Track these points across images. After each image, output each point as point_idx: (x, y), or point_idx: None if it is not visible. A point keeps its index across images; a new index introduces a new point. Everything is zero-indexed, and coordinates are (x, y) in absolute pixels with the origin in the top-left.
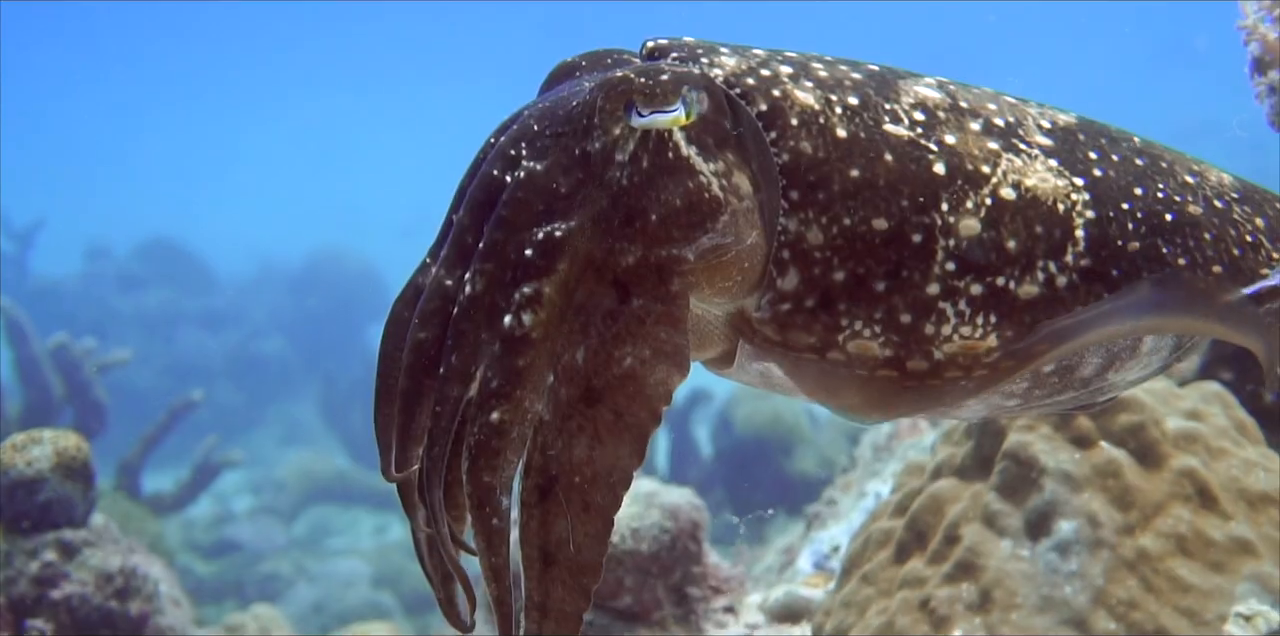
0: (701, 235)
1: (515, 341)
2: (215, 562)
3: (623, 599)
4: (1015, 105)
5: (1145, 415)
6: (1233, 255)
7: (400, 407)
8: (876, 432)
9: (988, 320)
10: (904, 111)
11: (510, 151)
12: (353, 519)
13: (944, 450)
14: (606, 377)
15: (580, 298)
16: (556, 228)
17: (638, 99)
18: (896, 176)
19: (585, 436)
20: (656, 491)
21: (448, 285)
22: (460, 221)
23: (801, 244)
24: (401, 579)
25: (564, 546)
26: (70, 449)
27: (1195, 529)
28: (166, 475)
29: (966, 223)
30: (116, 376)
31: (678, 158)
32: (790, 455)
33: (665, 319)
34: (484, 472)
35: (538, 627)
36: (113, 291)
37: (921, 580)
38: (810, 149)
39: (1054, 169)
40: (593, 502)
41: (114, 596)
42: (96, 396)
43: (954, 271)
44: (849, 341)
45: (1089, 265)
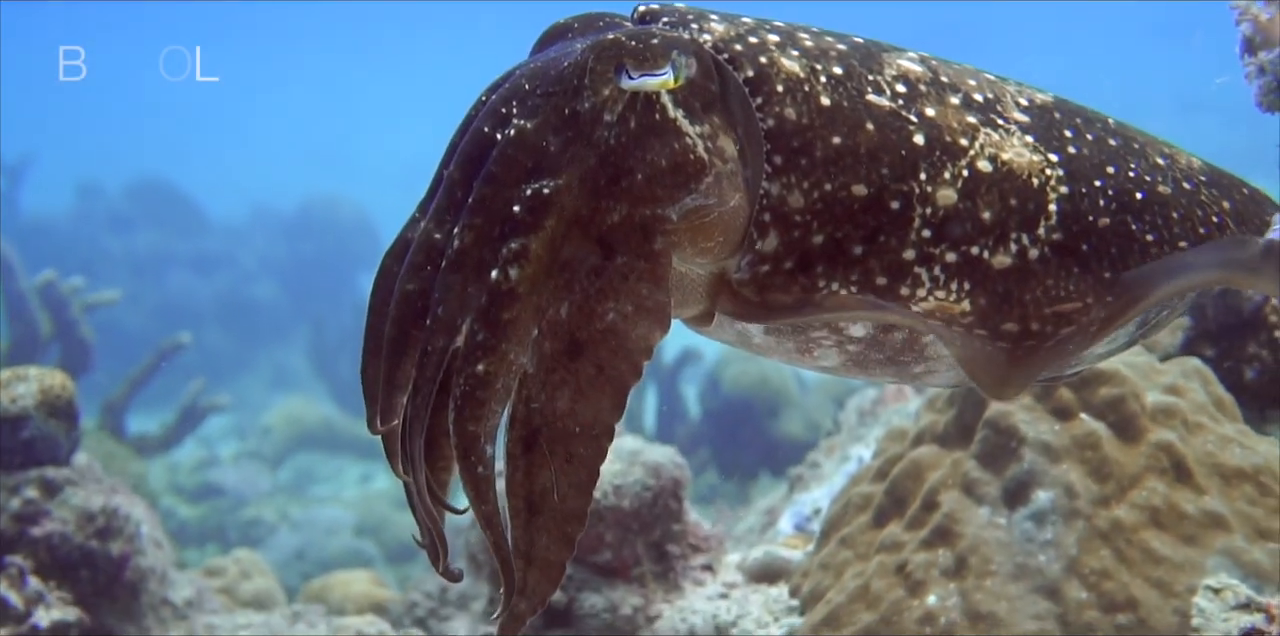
0: (685, 195)
1: (501, 295)
2: (199, 506)
3: (602, 554)
4: (994, 82)
5: (1125, 389)
6: (1199, 234)
7: (387, 357)
8: (862, 397)
9: (961, 286)
10: (886, 83)
11: (501, 109)
12: (338, 467)
13: (926, 417)
14: (590, 332)
15: (566, 254)
16: (544, 185)
17: (628, 61)
18: (877, 145)
19: (568, 389)
20: (640, 449)
21: (436, 239)
22: (450, 176)
23: (783, 207)
24: (384, 528)
25: (548, 496)
26: (55, 387)
27: (1169, 502)
28: (152, 417)
29: (943, 193)
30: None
31: (665, 119)
32: (777, 417)
33: (648, 276)
34: (469, 422)
35: (523, 574)
36: (103, 230)
37: (899, 545)
38: (794, 115)
39: (1030, 144)
40: (576, 453)
41: (95, 536)
42: (83, 335)
43: (930, 238)
44: (826, 300)
45: (1060, 239)
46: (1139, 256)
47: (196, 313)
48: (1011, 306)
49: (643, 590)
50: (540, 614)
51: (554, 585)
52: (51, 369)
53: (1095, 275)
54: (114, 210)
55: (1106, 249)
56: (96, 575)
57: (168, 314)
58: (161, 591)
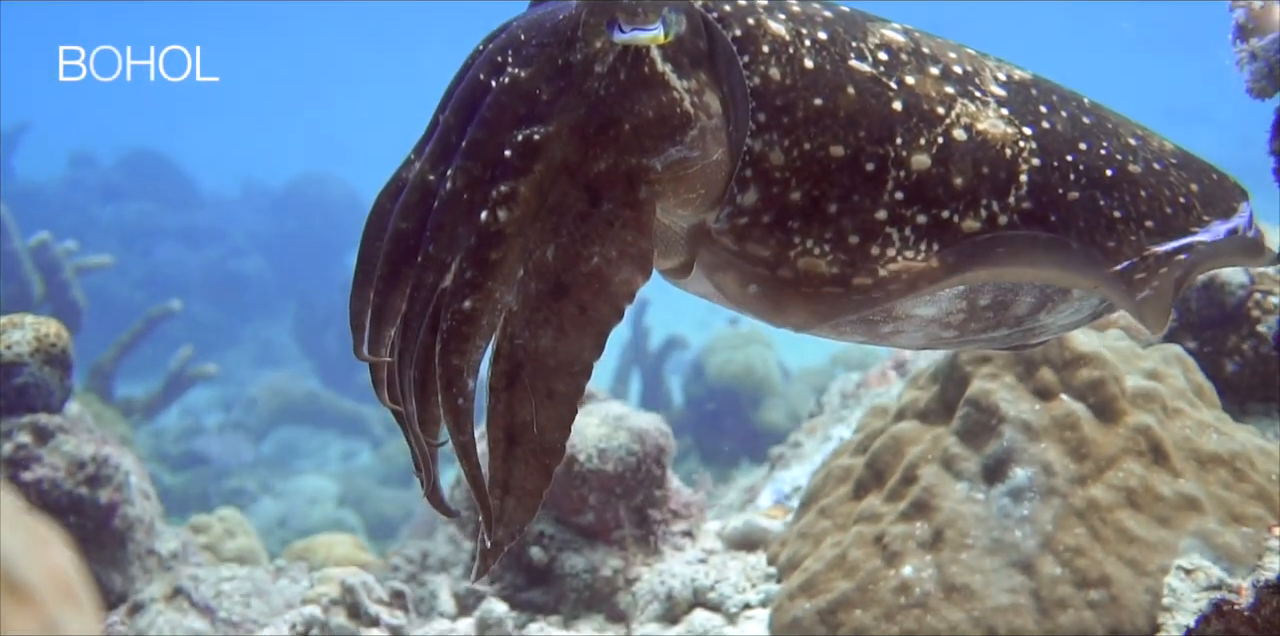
0: (670, 146)
1: (490, 235)
2: (182, 474)
3: (585, 515)
4: (975, 57)
5: (1106, 371)
6: (1165, 213)
7: (377, 291)
8: (845, 380)
9: (930, 247)
10: (869, 50)
11: (497, 58)
12: (322, 442)
13: (909, 393)
14: (574, 274)
15: (554, 199)
16: (535, 131)
17: (620, 16)
18: (856, 108)
19: (551, 328)
20: (625, 414)
21: (430, 180)
22: (446, 121)
23: (763, 163)
24: (366, 501)
25: (528, 429)
26: (51, 335)
27: (1146, 483)
28: (138, 385)
29: (918, 157)
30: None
31: (653, 72)
32: (759, 407)
33: (632, 223)
34: (453, 356)
35: (500, 503)
36: (94, 199)
37: (877, 516)
38: (778, 75)
39: (1005, 117)
40: (556, 390)
41: (84, 483)
42: (74, 297)
43: (902, 200)
44: (799, 258)
45: (1029, 208)
46: (1105, 231)
47: (184, 285)
48: (979, 262)
49: (623, 553)
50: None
51: (530, 513)
52: (47, 318)
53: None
54: (106, 180)
55: (1074, 221)
56: (84, 522)
57: (155, 285)
58: (148, 542)
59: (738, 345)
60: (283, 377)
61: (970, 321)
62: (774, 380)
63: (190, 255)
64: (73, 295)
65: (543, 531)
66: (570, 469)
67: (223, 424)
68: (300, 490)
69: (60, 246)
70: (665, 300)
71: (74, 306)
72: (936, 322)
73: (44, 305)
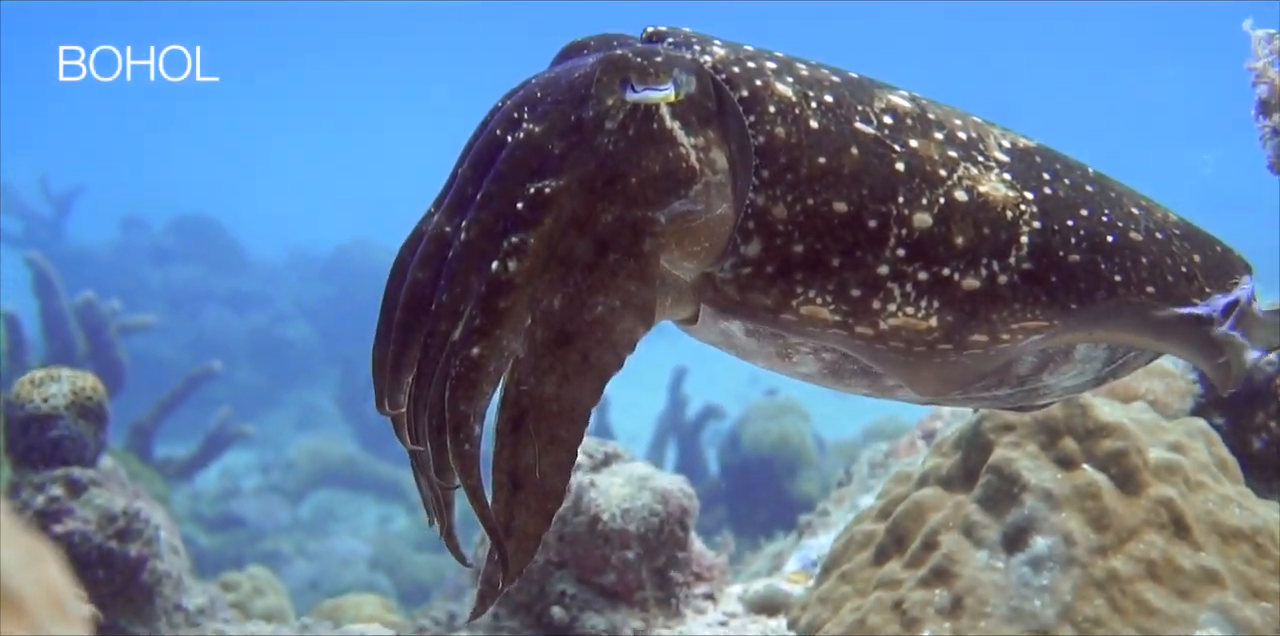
0: (674, 200)
1: (499, 285)
2: (218, 535)
3: (607, 575)
4: (980, 124)
5: (1129, 442)
6: (1166, 281)
7: (395, 340)
8: (874, 450)
9: (930, 304)
10: (874, 114)
11: (514, 114)
12: (358, 507)
13: (932, 460)
14: (579, 323)
15: (563, 250)
16: (546, 184)
17: (633, 75)
18: (860, 168)
19: (555, 375)
20: (650, 475)
21: (446, 231)
22: (463, 174)
23: (767, 217)
24: (400, 567)
25: (531, 473)
26: (87, 388)
27: (1166, 556)
28: (178, 446)
29: (919, 216)
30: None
31: (661, 129)
32: (794, 477)
33: (636, 274)
34: (461, 401)
35: (502, 545)
36: (144, 263)
37: (897, 582)
38: (784, 134)
39: (1007, 181)
40: (558, 436)
41: (115, 536)
42: (117, 356)
43: (903, 257)
44: (802, 306)
45: (1030, 268)
46: (1106, 294)
47: (229, 348)
48: (979, 322)
49: (644, 614)
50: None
51: (529, 555)
52: (84, 371)
53: (1061, 305)
54: (156, 244)
55: (1075, 283)
56: (113, 575)
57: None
58: (175, 596)
59: (774, 415)
60: (321, 441)
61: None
62: (809, 451)
63: (236, 319)
64: (116, 354)
65: (564, 591)
66: (593, 528)
67: (260, 486)
68: (333, 552)
69: (106, 305)
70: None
71: (117, 365)
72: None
73: (87, 363)
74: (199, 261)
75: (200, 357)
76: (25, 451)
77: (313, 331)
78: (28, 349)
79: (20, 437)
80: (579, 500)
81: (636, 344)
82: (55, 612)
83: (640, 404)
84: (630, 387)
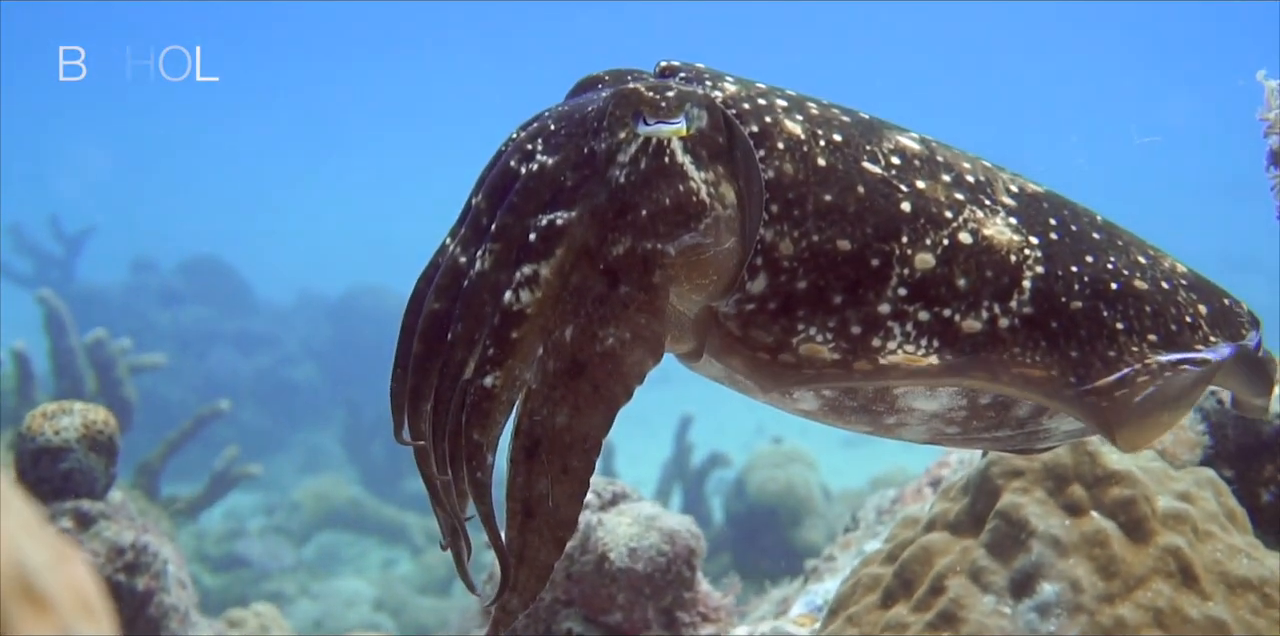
0: (684, 233)
1: (512, 315)
2: (222, 576)
3: (613, 614)
4: (990, 168)
5: (1138, 491)
6: (1170, 330)
7: (413, 370)
8: (881, 497)
9: (930, 344)
10: (883, 154)
11: (528, 146)
12: (363, 549)
13: (940, 505)
14: (590, 354)
15: (575, 281)
16: (559, 216)
17: (645, 109)
18: (865, 207)
19: (567, 405)
20: (657, 515)
21: (461, 262)
22: (478, 205)
23: (774, 253)
24: (404, 610)
25: (544, 502)
26: (99, 422)
27: (1173, 604)
28: (184, 486)
29: (922, 256)
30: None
31: (673, 163)
32: (799, 526)
33: (646, 307)
34: (475, 430)
35: (514, 573)
36: (153, 304)
37: (904, 625)
38: (792, 171)
39: (1013, 225)
40: (570, 465)
41: (123, 570)
42: (126, 395)
43: (905, 296)
44: (801, 344)
45: (1031, 313)
46: (1107, 341)
47: (236, 390)
48: (977, 366)
49: None
50: None
51: (542, 582)
52: (96, 405)
53: (1062, 352)
54: (165, 285)
55: (1076, 330)
56: (120, 608)
57: (209, 389)
58: (182, 630)
59: (780, 463)
60: (327, 483)
61: (972, 419)
62: (815, 500)
63: (243, 361)
64: (125, 392)
65: (570, 629)
66: (600, 567)
67: (265, 527)
68: (337, 592)
69: (116, 344)
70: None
71: (125, 403)
72: (939, 418)
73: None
74: (208, 303)
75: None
76: (35, 483)
77: (319, 374)
78: (37, 386)
79: (31, 469)
80: (586, 539)
81: (645, 376)
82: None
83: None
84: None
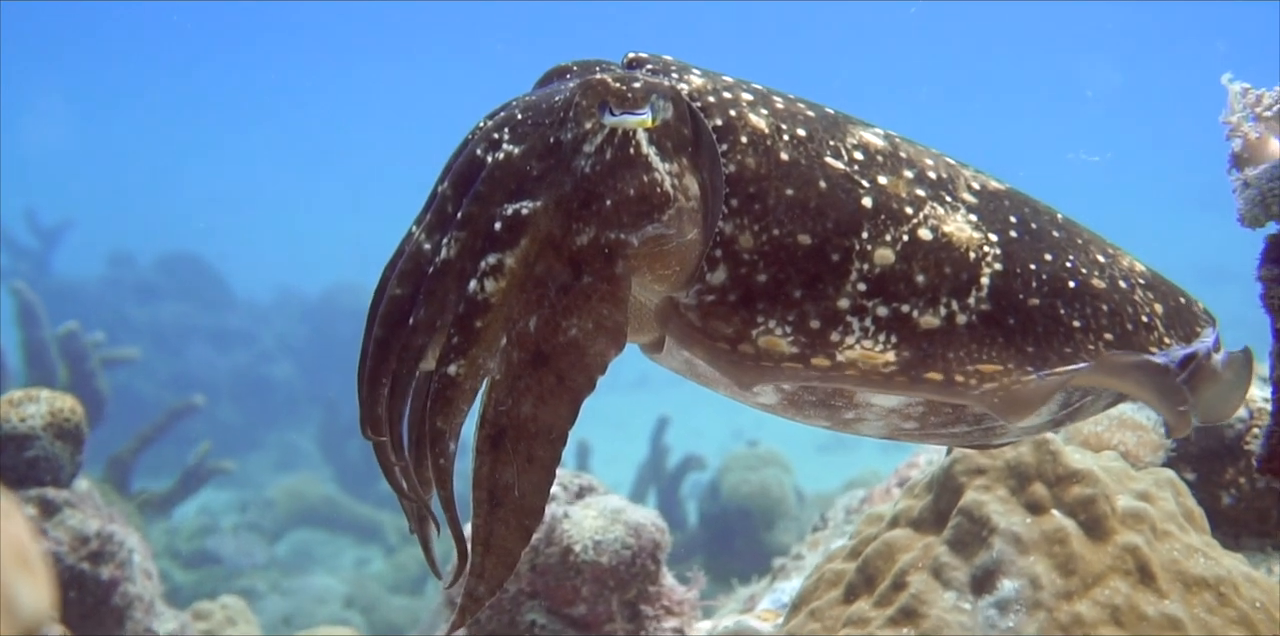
0: (648, 224)
1: (477, 304)
2: (193, 572)
3: (577, 607)
4: (952, 165)
5: (1098, 490)
6: (1125, 329)
7: (373, 355)
8: (850, 497)
9: (889, 339)
10: (846, 150)
11: (494, 135)
12: (336, 548)
13: (904, 502)
14: (554, 344)
15: (539, 271)
16: (524, 206)
17: (611, 100)
18: (826, 202)
19: (532, 395)
20: (623, 508)
21: (425, 249)
22: (443, 193)
23: (733, 245)
24: (375, 608)
25: (510, 491)
26: (65, 410)
27: (1130, 602)
28: (156, 481)
29: (882, 252)
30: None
31: (638, 154)
32: (773, 528)
33: (609, 297)
34: (438, 418)
35: (481, 561)
36: (130, 299)
37: (865, 620)
38: (754, 165)
39: (973, 222)
40: (536, 455)
41: (87, 559)
42: (98, 387)
43: (864, 291)
44: (761, 336)
45: (989, 310)
46: (1063, 339)
47: (212, 387)
48: (935, 361)
49: None
50: None
51: (508, 570)
52: (63, 393)
53: (1018, 348)
54: (142, 280)
55: (1033, 326)
56: (84, 597)
57: (184, 385)
58: (146, 620)
59: (754, 466)
60: (301, 481)
61: (929, 415)
62: (789, 503)
63: (220, 358)
64: (97, 384)
65: (534, 621)
66: (565, 559)
67: (238, 524)
68: (308, 589)
69: (89, 338)
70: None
71: (97, 396)
72: (897, 414)
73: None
74: (185, 299)
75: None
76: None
77: (297, 372)
78: (8, 378)
79: None
80: (552, 531)
81: (608, 366)
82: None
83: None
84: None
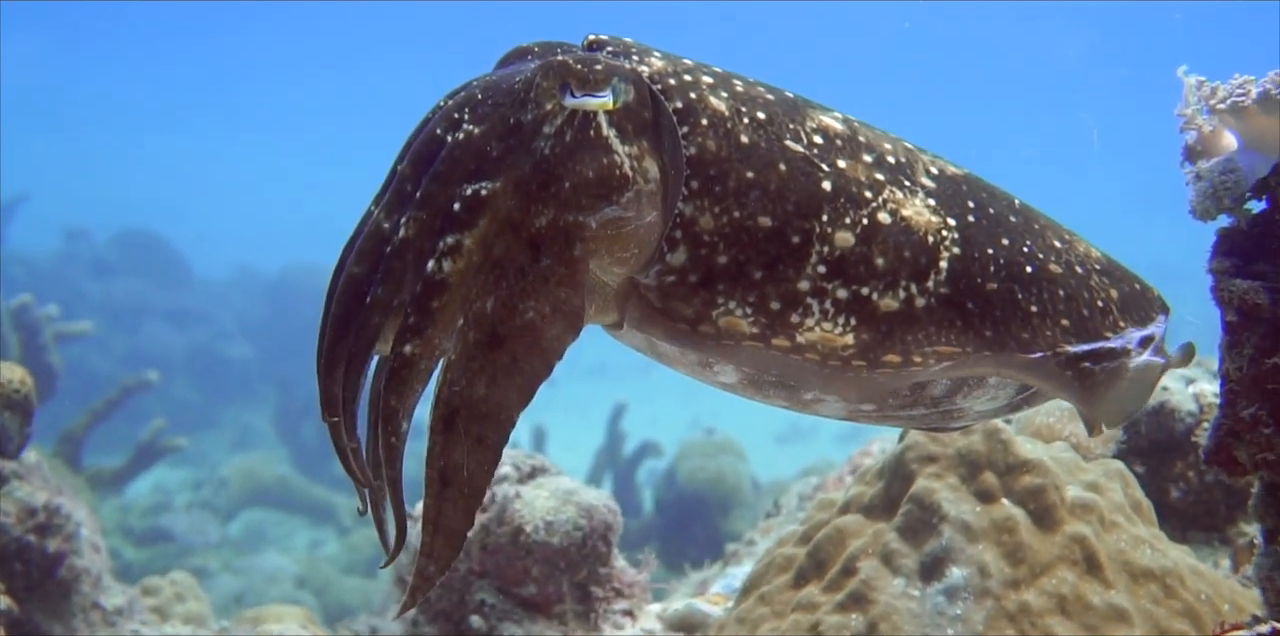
0: (606, 206)
1: (434, 284)
2: (145, 550)
3: (527, 587)
4: (911, 150)
5: (1048, 480)
6: (1081, 314)
7: (329, 332)
8: (804, 484)
9: (848, 321)
10: (805, 133)
11: (454, 115)
12: (290, 529)
13: (856, 488)
14: (510, 326)
15: (497, 252)
16: (483, 186)
17: (572, 82)
18: (786, 184)
19: (485, 377)
20: (575, 489)
21: (384, 228)
22: (403, 172)
23: (694, 227)
24: (327, 589)
25: (459, 471)
26: (14, 381)
27: (1077, 592)
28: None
29: (842, 235)
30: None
31: (598, 136)
32: (728, 515)
33: (567, 280)
34: (391, 397)
35: (430, 539)
36: (85, 274)
37: (815, 605)
38: (714, 147)
39: (931, 207)
40: (486, 436)
41: (34, 530)
42: (50, 361)
43: (824, 274)
44: (721, 317)
45: (947, 293)
46: (1020, 323)
47: (168, 364)
48: (893, 343)
49: (562, 627)
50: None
51: (456, 550)
52: (12, 363)
53: (976, 331)
54: (98, 256)
55: (991, 310)
56: (30, 569)
57: (139, 362)
58: (94, 594)
59: (711, 454)
60: (256, 460)
61: (888, 397)
62: (744, 490)
63: (176, 335)
64: (49, 359)
65: (484, 600)
66: (516, 539)
67: (191, 502)
68: (260, 568)
69: (42, 311)
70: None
71: (50, 370)
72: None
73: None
74: (141, 275)
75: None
76: None
77: (253, 351)
78: None
79: None
80: (503, 511)
81: (565, 351)
82: None
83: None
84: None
